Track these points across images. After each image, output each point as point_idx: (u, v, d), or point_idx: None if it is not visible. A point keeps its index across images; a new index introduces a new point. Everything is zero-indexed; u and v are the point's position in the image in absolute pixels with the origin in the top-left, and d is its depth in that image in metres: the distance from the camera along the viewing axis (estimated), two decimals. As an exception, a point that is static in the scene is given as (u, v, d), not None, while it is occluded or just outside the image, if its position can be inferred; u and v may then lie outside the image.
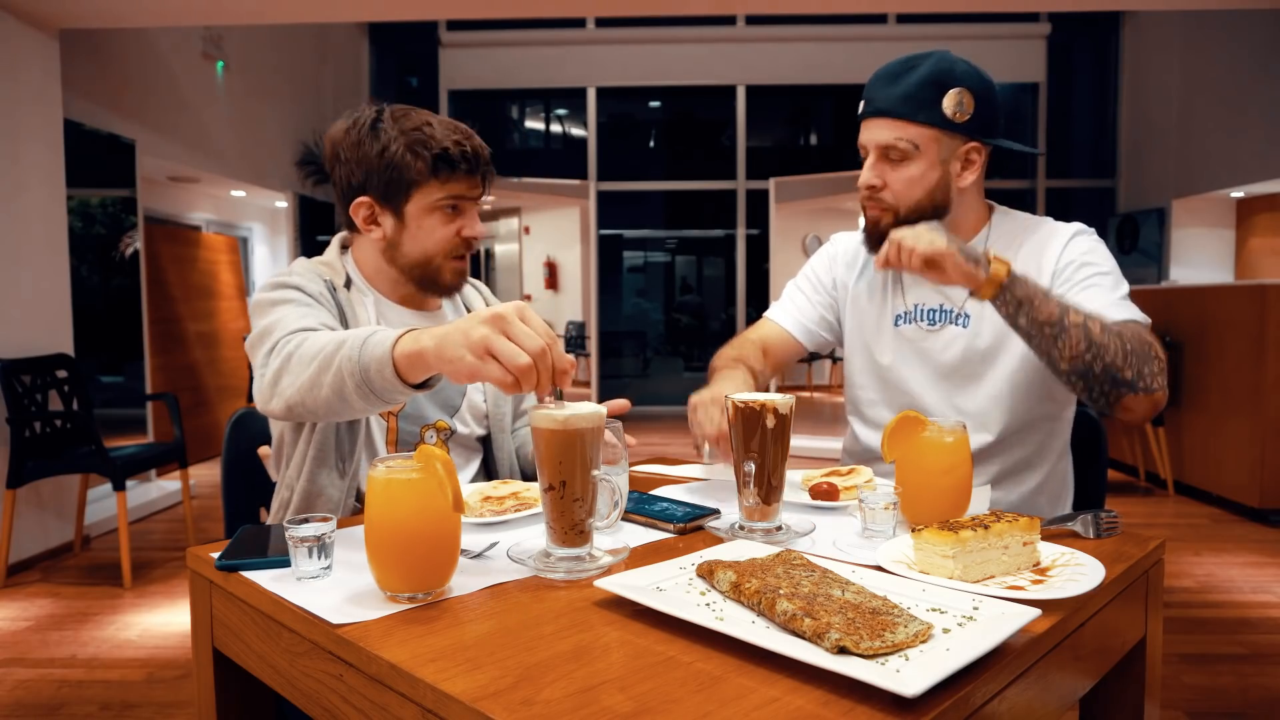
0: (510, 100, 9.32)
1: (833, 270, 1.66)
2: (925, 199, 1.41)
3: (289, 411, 1.11)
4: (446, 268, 1.38)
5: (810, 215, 6.97)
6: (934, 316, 1.49)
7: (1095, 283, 1.36)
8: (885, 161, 1.40)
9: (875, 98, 1.40)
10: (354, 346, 1.03)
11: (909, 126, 1.37)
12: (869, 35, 8.06)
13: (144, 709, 2.33)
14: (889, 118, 1.38)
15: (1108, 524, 1.07)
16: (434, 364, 0.97)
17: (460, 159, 1.31)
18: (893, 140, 1.38)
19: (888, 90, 1.39)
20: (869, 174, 1.42)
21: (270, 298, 1.28)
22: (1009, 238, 1.47)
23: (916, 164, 1.39)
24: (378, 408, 1.08)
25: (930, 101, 1.36)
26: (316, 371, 1.06)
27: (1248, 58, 6.07)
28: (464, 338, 0.92)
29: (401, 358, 0.99)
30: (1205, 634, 2.80)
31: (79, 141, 4.18)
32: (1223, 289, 4.65)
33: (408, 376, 1.00)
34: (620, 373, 10.00)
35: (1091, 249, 1.40)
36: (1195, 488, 4.67)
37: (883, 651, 0.67)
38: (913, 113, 1.37)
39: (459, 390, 1.46)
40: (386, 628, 0.78)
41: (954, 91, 1.37)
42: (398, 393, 1.02)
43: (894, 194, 1.41)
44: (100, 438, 3.44)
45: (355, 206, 1.36)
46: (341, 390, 1.04)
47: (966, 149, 1.41)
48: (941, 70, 1.37)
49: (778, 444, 1.05)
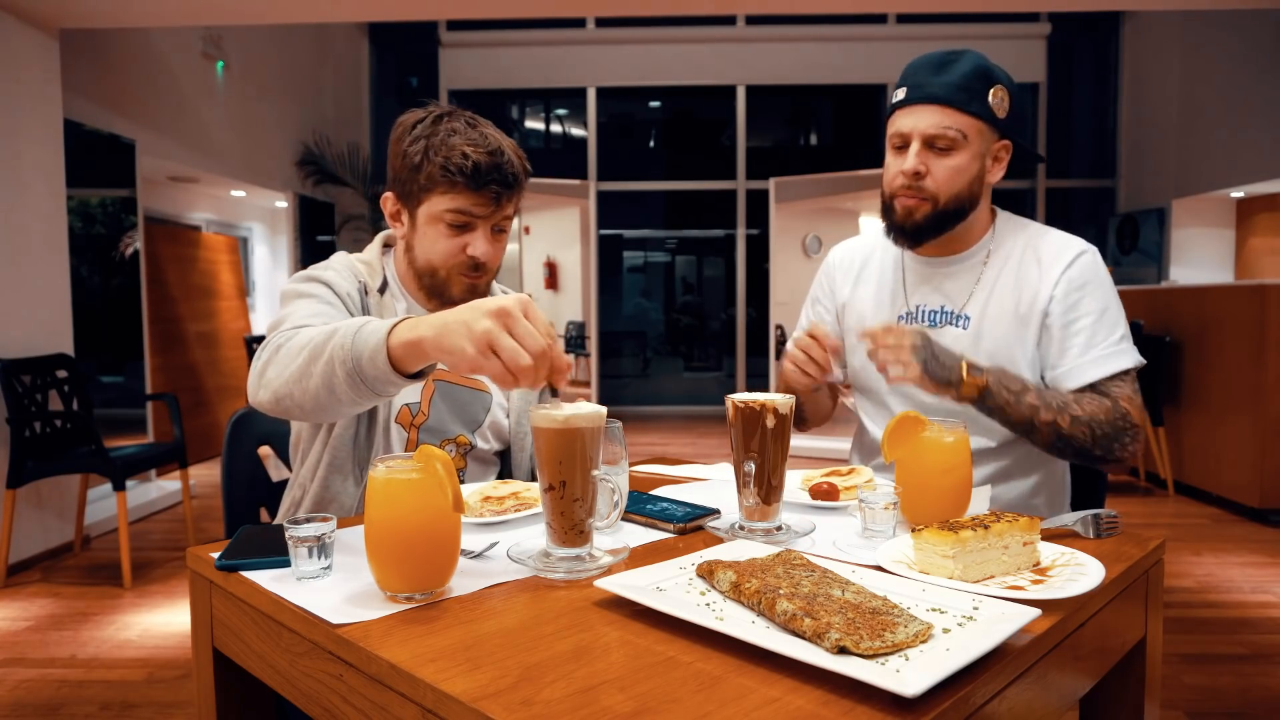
0: (510, 100, 9.32)
1: (830, 285, 1.67)
2: (965, 191, 1.40)
3: (276, 403, 1.08)
4: (455, 282, 1.35)
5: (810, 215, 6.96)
6: (935, 318, 1.49)
7: (1082, 328, 1.38)
8: (930, 150, 1.38)
9: (924, 83, 1.38)
10: (346, 334, 1.00)
11: (959, 115, 1.36)
12: (869, 35, 8.06)
13: (144, 709, 2.32)
14: (939, 104, 1.36)
15: (1108, 524, 1.07)
16: (432, 353, 0.95)
17: (460, 173, 1.27)
18: (942, 128, 1.36)
19: (937, 78, 1.37)
20: (913, 160, 1.38)
21: (296, 289, 1.27)
22: (1010, 246, 1.47)
23: (962, 154, 1.38)
24: (367, 402, 1.04)
25: (979, 93, 1.36)
26: (306, 361, 1.04)
27: (1248, 58, 6.07)
28: (467, 330, 0.90)
29: (398, 345, 0.97)
30: (1205, 634, 2.80)
31: (79, 141, 4.18)
32: (1223, 289, 4.65)
33: (402, 365, 0.98)
34: (620, 373, 9.99)
35: (1089, 281, 1.40)
36: (1195, 488, 4.67)
37: (883, 651, 0.67)
38: (965, 102, 1.36)
39: (483, 406, 1.45)
40: (386, 628, 0.78)
41: (998, 87, 1.38)
42: (390, 383, 0.99)
43: (936, 183, 1.39)
44: (100, 438, 3.44)
45: (384, 199, 1.38)
46: (331, 381, 1.01)
47: (999, 146, 1.42)
48: (984, 65, 1.38)
49: (778, 444, 1.05)
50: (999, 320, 1.43)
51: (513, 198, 1.33)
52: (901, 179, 1.40)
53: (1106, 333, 1.37)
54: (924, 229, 1.42)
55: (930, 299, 1.50)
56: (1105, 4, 6.25)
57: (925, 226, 1.42)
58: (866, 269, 1.60)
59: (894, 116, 1.42)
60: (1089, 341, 1.37)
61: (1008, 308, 1.43)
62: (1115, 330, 1.38)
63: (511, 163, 1.31)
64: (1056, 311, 1.39)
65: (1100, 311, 1.38)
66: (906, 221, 1.42)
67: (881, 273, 1.58)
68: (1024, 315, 1.41)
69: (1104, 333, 1.37)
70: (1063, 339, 1.39)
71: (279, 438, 1.51)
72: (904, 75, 1.42)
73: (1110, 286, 1.42)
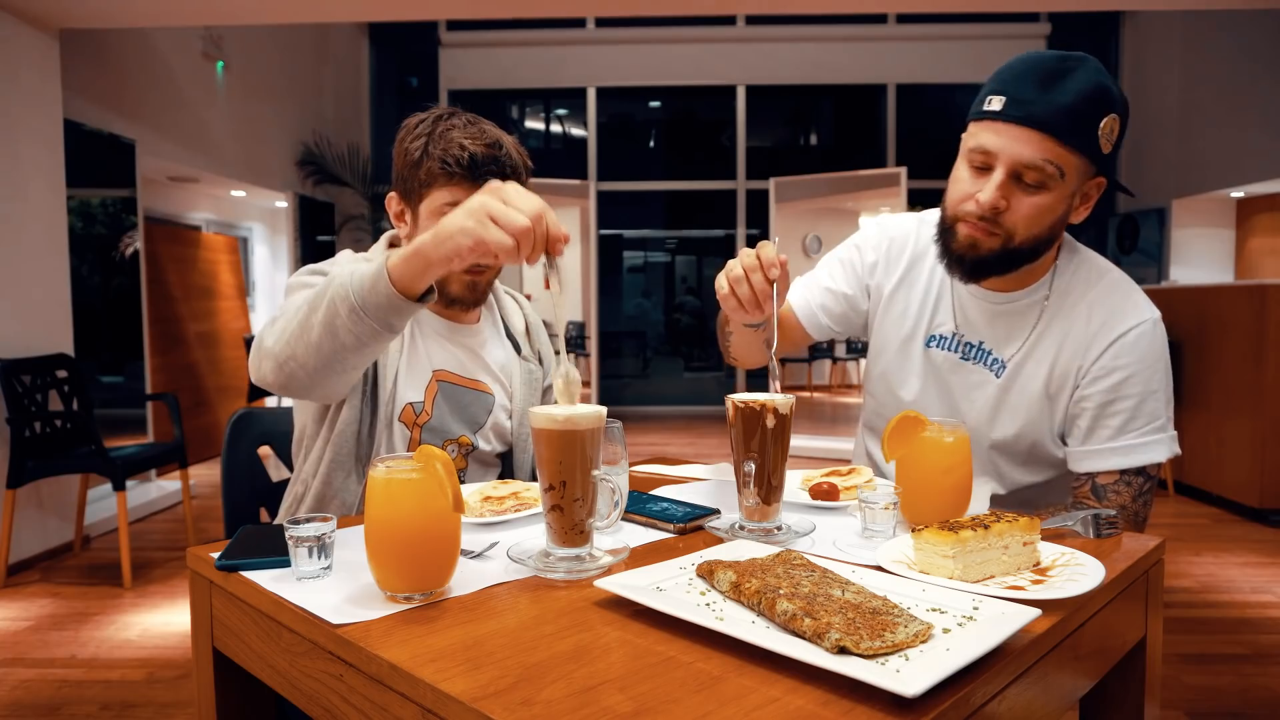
0: (510, 100, 9.32)
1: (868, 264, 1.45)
2: (1046, 233, 1.20)
3: (279, 369, 1.10)
4: (454, 279, 1.36)
5: (810, 215, 6.96)
6: (969, 351, 1.34)
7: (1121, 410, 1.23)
8: (1016, 182, 1.16)
9: (1029, 100, 1.13)
10: (344, 275, 1.04)
11: (1060, 148, 1.13)
12: (869, 35, 8.06)
13: (144, 709, 2.32)
14: (1041, 130, 1.12)
15: (1108, 524, 1.07)
16: (432, 253, 0.97)
17: (458, 164, 1.27)
18: (1040, 160, 1.13)
19: (1046, 95, 1.12)
20: (994, 193, 1.16)
21: (300, 281, 1.28)
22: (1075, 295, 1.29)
23: (1054, 192, 1.16)
24: (373, 342, 1.06)
25: (1091, 122, 1.13)
26: (306, 314, 1.05)
27: (1248, 58, 6.07)
28: (463, 211, 0.95)
29: (397, 263, 1.00)
30: (1205, 634, 2.80)
31: (79, 141, 4.18)
32: (1223, 289, 4.65)
33: (405, 284, 1.01)
34: (620, 373, 9.99)
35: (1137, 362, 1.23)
36: (1195, 488, 4.67)
37: (883, 651, 0.67)
38: (1071, 132, 1.12)
39: (485, 408, 1.45)
40: (386, 628, 0.78)
41: (1111, 116, 1.15)
42: (393, 309, 1.02)
43: (1015, 221, 1.18)
44: (100, 438, 3.44)
45: (389, 199, 1.39)
46: (333, 323, 1.03)
47: (1092, 184, 1.21)
48: (1102, 86, 1.13)
49: (778, 444, 1.05)
50: (1033, 378, 1.29)
51: None
52: (974, 206, 1.18)
53: (1146, 420, 1.22)
54: (987, 265, 1.23)
55: (972, 331, 1.34)
56: (1105, 4, 6.24)
57: (989, 263, 1.22)
58: (914, 271, 1.41)
59: (979, 126, 1.18)
60: (1123, 427, 1.22)
61: (1045, 367, 1.28)
62: (1157, 417, 1.22)
63: (510, 155, 1.32)
64: (1095, 389, 1.24)
65: (1143, 396, 1.22)
66: (969, 253, 1.22)
67: (930, 282, 1.39)
68: (1060, 378, 1.28)
69: (1143, 420, 1.22)
70: (1096, 417, 1.24)
71: (279, 438, 1.51)
72: (1003, 78, 1.17)
73: (1165, 366, 1.25)
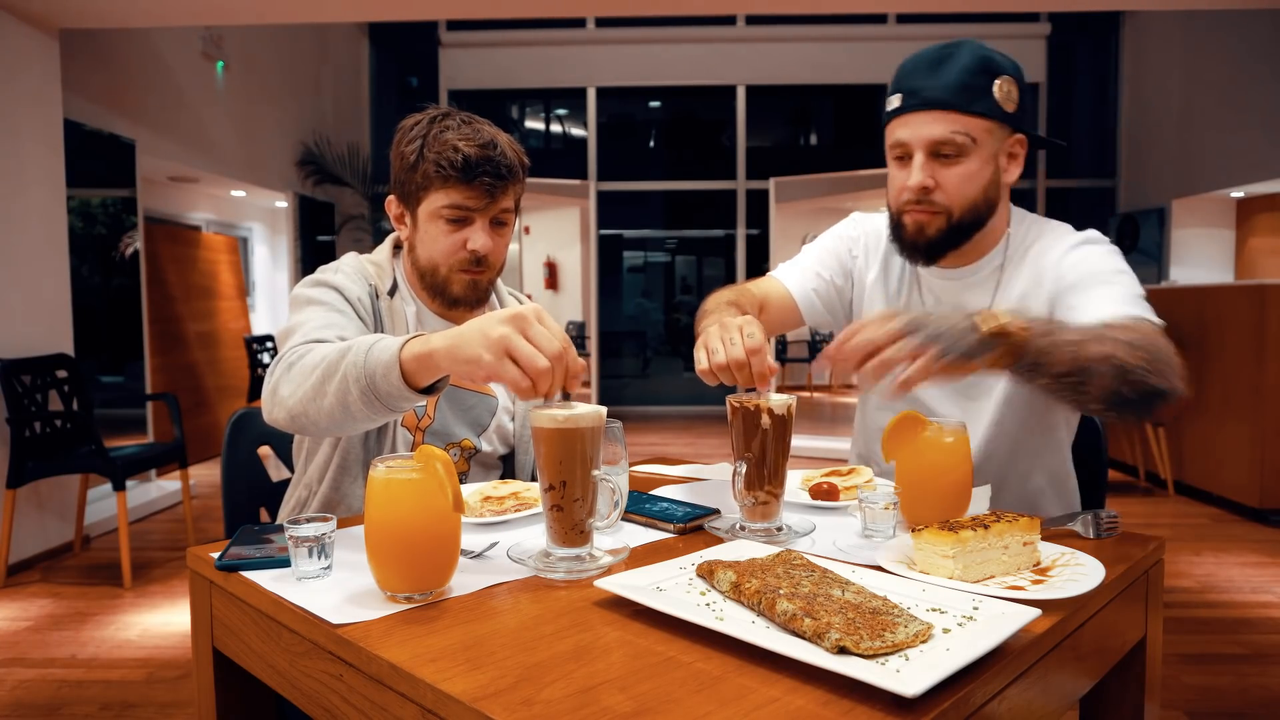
0: (510, 100, 9.32)
1: (848, 257, 1.53)
2: (980, 198, 1.29)
3: (292, 421, 1.09)
4: (454, 280, 1.35)
5: (810, 215, 6.96)
6: None
7: (1108, 280, 1.25)
8: (935, 159, 1.26)
9: (920, 88, 1.25)
10: (359, 352, 1.01)
11: (963, 118, 1.24)
12: (869, 35, 8.06)
13: (144, 709, 2.32)
14: (940, 109, 1.24)
15: (1108, 524, 1.07)
16: (445, 365, 0.95)
17: (452, 166, 1.27)
18: (948, 134, 1.24)
19: (933, 79, 1.24)
20: (919, 174, 1.26)
21: (307, 294, 1.27)
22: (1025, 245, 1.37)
23: (972, 159, 1.26)
24: (382, 418, 1.06)
25: (983, 90, 1.24)
26: (320, 380, 1.04)
27: (1248, 58, 6.07)
28: (483, 337, 0.90)
29: (410, 359, 0.97)
30: (1205, 634, 2.80)
31: (79, 141, 4.18)
32: (1223, 289, 4.65)
33: (415, 380, 0.98)
34: (620, 373, 10.00)
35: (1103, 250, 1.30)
36: (1195, 488, 4.67)
37: (883, 651, 0.67)
38: (967, 102, 1.23)
39: (488, 410, 1.45)
40: (386, 628, 0.78)
41: (1003, 79, 1.25)
42: (403, 398, 1.00)
43: (948, 195, 1.27)
44: (100, 438, 3.44)
45: (388, 202, 1.39)
46: (345, 399, 1.02)
47: (1012, 141, 1.30)
48: (984, 56, 1.25)
49: (778, 444, 1.05)
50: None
51: (508, 190, 1.33)
52: (908, 194, 1.29)
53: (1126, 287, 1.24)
54: (938, 245, 1.31)
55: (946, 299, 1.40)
56: (1105, 4, 6.25)
57: (939, 242, 1.31)
58: (889, 262, 1.47)
59: (891, 125, 1.30)
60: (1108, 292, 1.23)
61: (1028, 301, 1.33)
62: (1135, 288, 1.25)
63: (505, 154, 1.31)
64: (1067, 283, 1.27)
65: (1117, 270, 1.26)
66: (919, 238, 1.31)
67: (902, 272, 1.46)
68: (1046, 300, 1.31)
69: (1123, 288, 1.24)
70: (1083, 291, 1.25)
71: (279, 438, 1.51)
72: (897, 78, 1.29)
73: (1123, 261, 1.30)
